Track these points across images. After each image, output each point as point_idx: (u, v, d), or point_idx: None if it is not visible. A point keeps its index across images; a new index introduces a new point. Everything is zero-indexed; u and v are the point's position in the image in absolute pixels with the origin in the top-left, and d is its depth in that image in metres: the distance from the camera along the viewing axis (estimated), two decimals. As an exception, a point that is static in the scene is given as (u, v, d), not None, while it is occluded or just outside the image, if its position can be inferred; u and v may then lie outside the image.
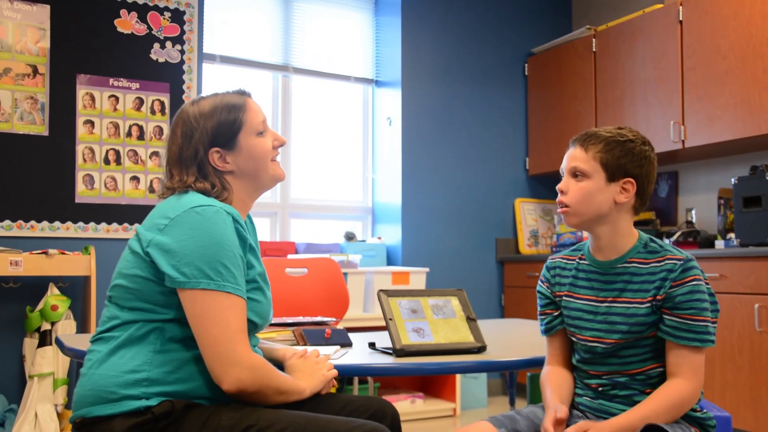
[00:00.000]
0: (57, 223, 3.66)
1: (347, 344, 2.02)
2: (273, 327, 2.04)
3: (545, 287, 1.74)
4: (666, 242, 1.64)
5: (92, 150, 3.76)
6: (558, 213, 1.66)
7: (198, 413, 1.44)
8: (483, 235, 4.81)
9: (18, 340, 3.52)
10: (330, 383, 1.66)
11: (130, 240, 1.55)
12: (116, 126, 3.82)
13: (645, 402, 1.53)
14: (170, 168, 1.61)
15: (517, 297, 4.69)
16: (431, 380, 4.36)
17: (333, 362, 1.71)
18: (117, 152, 3.82)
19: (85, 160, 3.74)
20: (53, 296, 3.44)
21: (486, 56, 4.90)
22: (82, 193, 3.73)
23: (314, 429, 1.41)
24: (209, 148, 1.59)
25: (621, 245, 1.62)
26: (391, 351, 1.85)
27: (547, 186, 5.07)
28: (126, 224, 3.81)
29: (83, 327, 3.54)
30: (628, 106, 4.26)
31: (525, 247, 4.88)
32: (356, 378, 3.92)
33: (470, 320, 1.96)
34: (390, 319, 1.88)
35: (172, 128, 1.63)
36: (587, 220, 1.61)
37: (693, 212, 4.24)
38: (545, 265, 1.77)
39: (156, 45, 3.94)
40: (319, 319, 2.17)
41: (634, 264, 1.60)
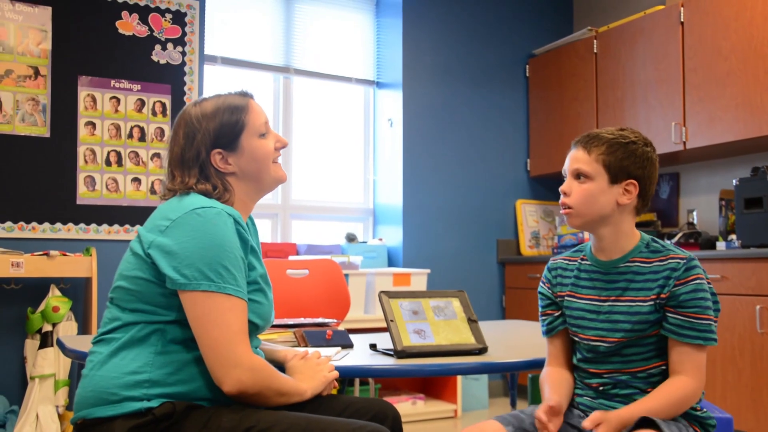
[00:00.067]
0: (58, 225, 3.67)
1: (348, 345, 2.02)
2: (274, 328, 2.03)
3: (546, 288, 1.75)
4: (667, 242, 1.65)
5: (93, 151, 3.77)
6: (561, 214, 1.67)
7: (199, 415, 1.44)
8: (484, 237, 4.81)
9: (19, 342, 3.52)
10: (331, 385, 1.66)
11: (132, 241, 1.55)
12: (117, 127, 3.83)
13: (648, 397, 1.54)
14: (172, 170, 1.61)
15: (518, 298, 4.69)
16: (432, 382, 4.35)
17: (334, 363, 1.71)
18: (118, 154, 3.82)
19: (87, 162, 3.75)
20: (54, 298, 3.44)
21: (487, 57, 4.90)
22: (84, 195, 3.74)
23: (315, 430, 1.41)
24: (211, 150, 1.59)
25: (623, 245, 1.63)
26: (392, 352, 1.85)
27: (548, 187, 5.07)
28: (127, 226, 3.81)
29: (84, 328, 3.54)
30: (629, 108, 4.26)
31: (526, 249, 4.88)
32: (357, 379, 3.93)
33: (471, 321, 1.96)
34: (391, 321, 1.88)
35: (174, 129, 1.63)
36: (590, 222, 1.62)
37: (694, 213, 4.23)
38: (546, 267, 1.77)
39: (157, 46, 3.95)
40: (320, 321, 2.17)
41: (637, 263, 1.61)
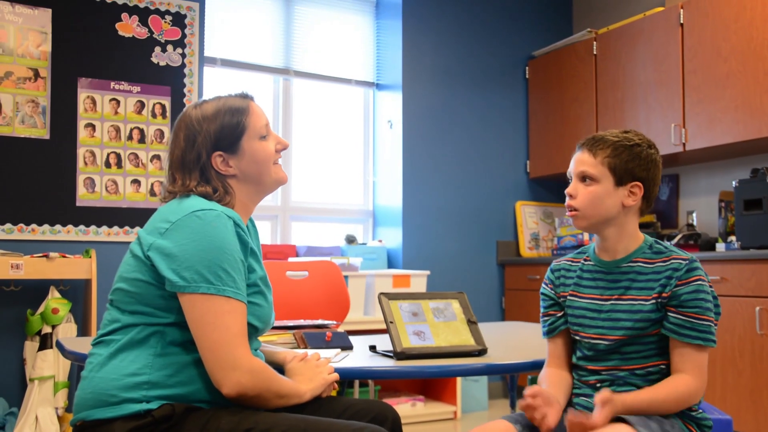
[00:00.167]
0: (58, 227, 3.67)
1: (348, 347, 2.02)
2: (274, 330, 2.03)
3: (549, 289, 1.77)
4: (670, 244, 1.67)
5: (93, 153, 3.77)
6: (564, 216, 1.68)
7: (197, 416, 1.44)
8: (484, 238, 4.81)
9: (19, 344, 3.52)
10: (331, 386, 1.66)
11: (132, 243, 1.55)
12: (117, 129, 3.83)
13: (652, 388, 1.55)
14: (173, 172, 1.61)
15: (518, 300, 4.68)
16: (432, 383, 4.35)
17: (334, 365, 1.70)
18: (118, 155, 3.82)
19: (86, 164, 3.75)
20: (54, 299, 3.44)
21: (487, 59, 4.90)
22: (83, 197, 3.74)
23: (314, 432, 1.41)
24: (212, 152, 1.59)
25: (627, 246, 1.65)
26: (392, 354, 1.85)
27: (548, 189, 5.07)
28: (127, 227, 3.81)
29: (84, 330, 3.54)
30: (629, 109, 4.26)
31: (526, 250, 4.88)
32: (357, 381, 3.93)
33: (471, 323, 1.96)
34: (391, 322, 1.88)
35: (175, 132, 1.62)
36: (596, 223, 1.65)
37: (694, 215, 4.23)
38: (549, 268, 1.79)
39: (157, 48, 3.95)
40: (320, 322, 2.17)
41: (639, 263, 1.63)
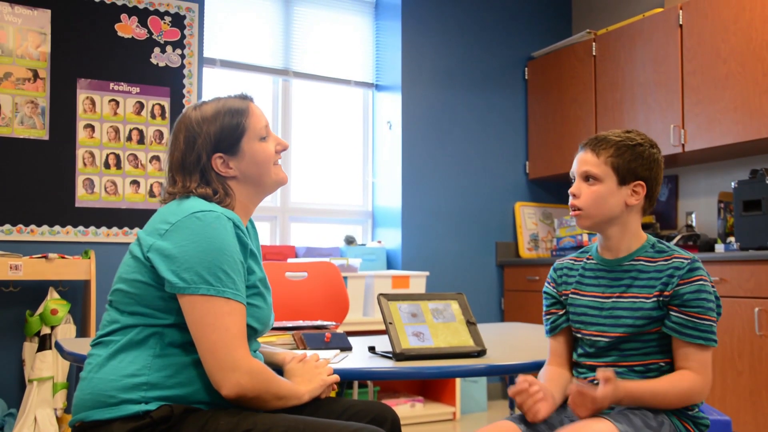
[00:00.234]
0: (57, 227, 3.66)
1: (347, 348, 2.02)
2: (273, 331, 2.03)
3: (551, 287, 1.79)
4: (672, 244, 1.69)
5: (92, 154, 3.76)
6: (566, 216, 1.69)
7: (196, 418, 1.44)
8: (483, 239, 4.81)
9: (18, 345, 3.52)
10: (330, 387, 1.66)
11: (132, 245, 1.54)
12: (116, 130, 3.83)
13: (655, 379, 1.56)
14: (173, 174, 1.60)
15: (517, 301, 4.68)
16: (431, 384, 4.35)
17: (333, 366, 1.70)
18: (117, 156, 3.82)
19: (86, 164, 3.75)
20: (53, 300, 3.43)
21: (486, 60, 4.91)
22: (83, 197, 3.74)
23: (313, 433, 1.41)
24: (212, 154, 1.58)
25: (630, 245, 1.67)
26: (391, 355, 1.84)
27: (547, 190, 5.07)
28: (126, 228, 3.81)
29: (83, 331, 3.54)
30: (628, 110, 4.26)
31: (525, 251, 4.88)
32: (356, 382, 3.92)
33: (470, 324, 1.96)
34: (390, 323, 1.88)
35: (174, 134, 1.62)
36: (599, 222, 1.67)
37: (693, 216, 4.23)
38: (552, 267, 1.81)
39: (156, 49, 3.95)
40: (319, 323, 2.16)
41: (641, 262, 1.64)
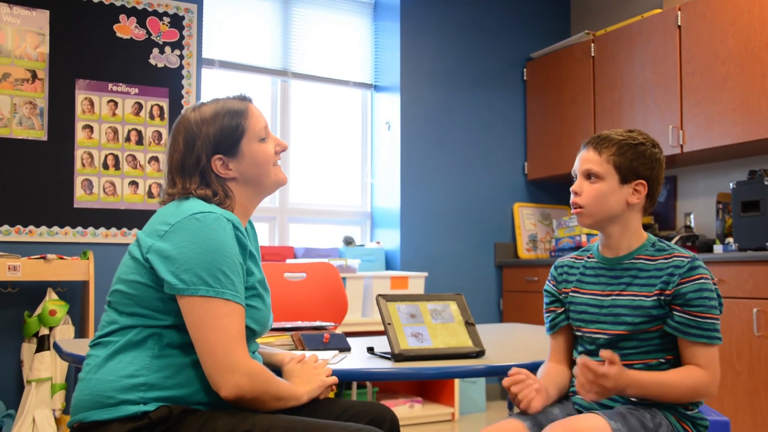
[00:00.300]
0: (55, 228, 3.66)
1: (346, 349, 2.02)
2: (271, 332, 2.03)
3: (551, 285, 1.80)
4: (672, 243, 1.69)
5: (91, 155, 3.76)
6: (572, 213, 1.70)
7: (194, 419, 1.43)
8: (482, 240, 4.81)
9: (16, 345, 3.51)
10: (329, 388, 1.66)
11: (131, 245, 1.54)
12: (115, 131, 3.82)
13: (663, 371, 1.56)
14: (172, 176, 1.60)
15: (516, 301, 4.68)
16: (430, 385, 4.35)
17: (331, 367, 1.70)
18: (116, 157, 3.82)
19: (84, 165, 3.74)
20: (51, 301, 3.43)
21: (485, 61, 4.91)
22: (81, 198, 3.73)
23: (311, 434, 1.41)
24: (212, 156, 1.58)
25: (630, 243, 1.68)
26: (390, 356, 1.84)
27: (546, 190, 5.07)
28: (125, 229, 3.81)
29: (81, 332, 3.54)
30: (627, 111, 4.26)
31: (524, 252, 4.88)
32: (355, 383, 3.92)
33: (469, 325, 1.96)
34: (388, 324, 1.88)
35: (173, 135, 1.61)
36: (600, 220, 1.67)
37: (691, 217, 4.23)
38: (553, 265, 1.82)
39: (155, 50, 3.95)
40: (318, 324, 2.16)
41: (642, 260, 1.65)
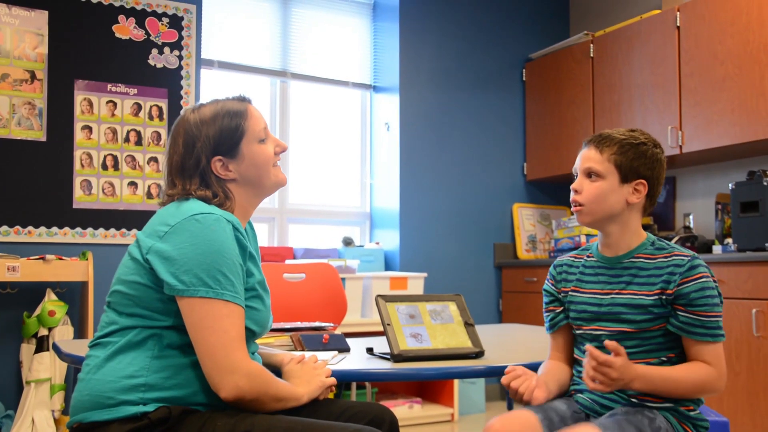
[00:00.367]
0: (54, 229, 3.66)
1: (345, 349, 2.02)
2: (271, 332, 2.03)
3: (550, 284, 1.80)
4: (671, 242, 1.70)
5: (90, 155, 3.76)
6: (572, 210, 1.70)
7: (194, 419, 1.43)
8: (481, 241, 4.81)
9: (15, 346, 3.51)
10: (328, 389, 1.66)
11: (130, 246, 1.54)
12: (114, 131, 3.82)
13: (669, 367, 1.56)
14: (172, 178, 1.59)
15: (515, 302, 4.68)
16: (429, 385, 4.35)
17: (331, 367, 1.70)
18: (115, 158, 3.82)
19: (83, 166, 3.74)
20: (51, 302, 3.43)
21: (484, 62, 4.91)
22: (80, 199, 3.73)
23: (311, 434, 1.40)
24: (211, 157, 1.58)
25: (629, 242, 1.68)
26: (389, 356, 1.84)
27: (545, 191, 5.07)
28: (124, 230, 3.81)
29: (81, 332, 3.54)
30: (626, 112, 4.26)
31: (523, 252, 4.88)
32: (354, 383, 3.92)
33: (468, 325, 1.96)
34: (388, 325, 1.88)
35: (173, 137, 1.61)
36: (599, 219, 1.67)
37: (690, 217, 4.24)
38: (553, 264, 1.82)
39: (154, 51, 3.95)
40: (317, 325, 2.16)
41: (641, 259, 1.65)
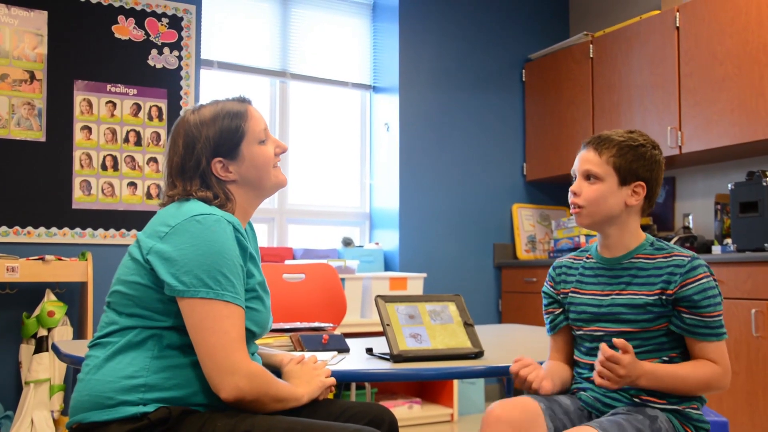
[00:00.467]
0: (54, 229, 3.66)
1: (344, 350, 2.02)
2: (270, 333, 2.03)
3: (549, 286, 1.80)
4: (670, 243, 1.69)
5: (89, 156, 3.76)
6: (571, 212, 1.70)
7: (194, 420, 1.43)
8: (480, 241, 4.81)
9: (14, 347, 3.51)
10: (328, 389, 1.66)
11: (131, 247, 1.54)
12: (113, 132, 3.82)
13: (676, 364, 1.57)
14: (172, 179, 1.59)
15: (515, 302, 4.68)
16: (429, 386, 4.35)
17: (330, 368, 1.70)
18: (114, 158, 3.82)
19: (83, 166, 3.74)
20: (50, 302, 3.43)
21: (483, 62, 4.91)
22: (79, 199, 3.73)
23: (311, 434, 1.40)
24: (212, 159, 1.57)
25: (628, 244, 1.68)
26: (389, 356, 1.84)
27: (545, 191, 5.07)
28: (123, 230, 3.81)
29: (80, 333, 3.53)
30: (625, 112, 4.26)
31: (522, 253, 4.88)
32: (354, 383, 3.92)
33: (468, 326, 1.96)
34: (387, 325, 1.88)
35: (173, 138, 1.61)
36: (598, 221, 1.68)
37: (690, 218, 4.24)
38: (552, 266, 1.82)
39: (154, 51, 3.95)
40: (317, 325, 2.16)
41: (641, 259, 1.65)
